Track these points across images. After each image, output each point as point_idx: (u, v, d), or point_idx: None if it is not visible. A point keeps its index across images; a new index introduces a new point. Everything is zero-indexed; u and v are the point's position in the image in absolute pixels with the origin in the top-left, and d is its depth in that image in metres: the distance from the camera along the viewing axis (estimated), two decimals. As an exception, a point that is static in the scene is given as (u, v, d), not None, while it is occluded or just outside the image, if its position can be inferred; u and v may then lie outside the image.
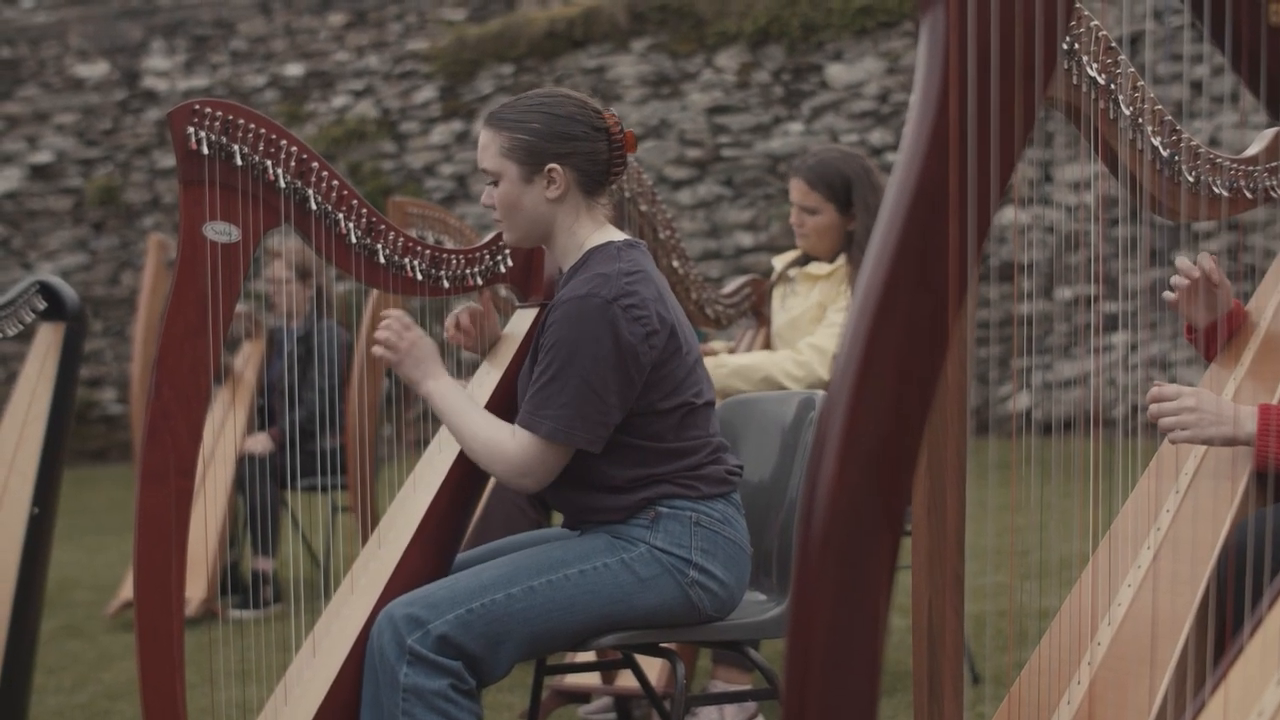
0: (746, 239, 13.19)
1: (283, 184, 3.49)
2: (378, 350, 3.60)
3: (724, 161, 13.36)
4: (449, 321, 3.75)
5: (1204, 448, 3.36)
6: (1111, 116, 3.21)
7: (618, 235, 3.53)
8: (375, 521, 4.23)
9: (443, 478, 3.57)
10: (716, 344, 5.43)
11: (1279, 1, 1.79)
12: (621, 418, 3.40)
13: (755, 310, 5.40)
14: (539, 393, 3.39)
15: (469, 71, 14.19)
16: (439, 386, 3.56)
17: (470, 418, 3.50)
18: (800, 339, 5.13)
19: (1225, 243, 10.25)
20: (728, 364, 4.98)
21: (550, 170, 3.46)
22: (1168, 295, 3.48)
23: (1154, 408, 3.19)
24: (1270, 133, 3.48)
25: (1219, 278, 3.45)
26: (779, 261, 5.46)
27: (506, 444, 3.44)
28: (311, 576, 7.73)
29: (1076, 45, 3.14)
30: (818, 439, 1.58)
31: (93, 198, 14.99)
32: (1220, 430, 3.11)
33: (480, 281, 3.76)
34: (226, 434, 7.50)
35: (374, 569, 3.57)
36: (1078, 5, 2.98)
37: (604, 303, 3.33)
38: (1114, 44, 3.20)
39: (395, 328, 3.58)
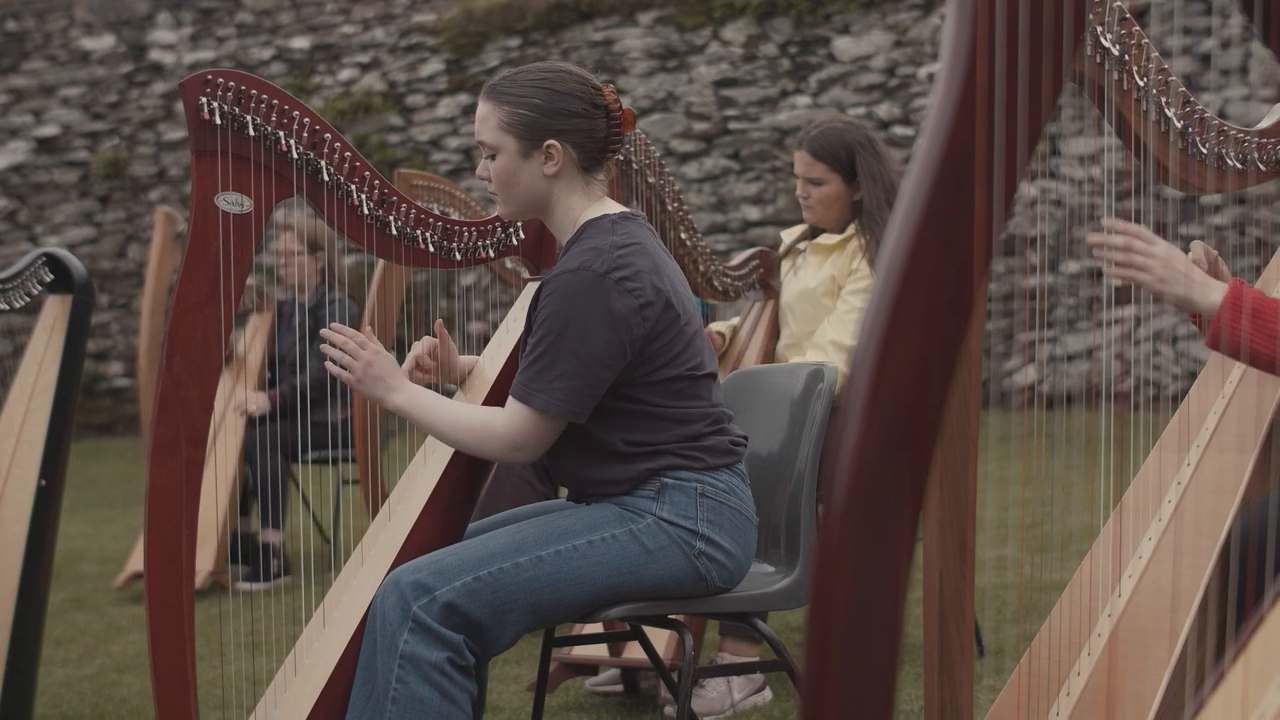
0: (753, 212, 13.18)
1: (295, 155, 3.49)
2: (334, 370, 3.55)
3: (731, 135, 13.34)
4: (408, 363, 3.70)
5: (1216, 417, 3.36)
6: (1125, 88, 3.20)
7: (614, 208, 3.53)
8: (383, 494, 4.22)
9: (453, 450, 3.57)
10: (717, 325, 5.43)
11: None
12: (605, 389, 3.40)
13: (763, 283, 5.39)
14: (532, 366, 3.39)
15: (475, 45, 14.17)
16: (406, 398, 3.52)
17: (448, 415, 3.49)
18: (812, 311, 5.12)
19: (1232, 216, 10.23)
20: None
21: (549, 146, 3.46)
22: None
23: (1112, 240, 3.17)
24: (1285, 104, 3.47)
25: (1216, 265, 3.44)
26: (787, 235, 5.45)
27: (494, 422, 3.43)
28: (320, 549, 7.74)
29: (1091, 16, 3.13)
30: (841, 406, 1.58)
31: (99, 171, 14.99)
32: (1176, 289, 3.11)
33: (492, 254, 3.76)
34: (235, 404, 7.50)
35: (384, 541, 3.57)
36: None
37: (596, 276, 3.33)
38: (1127, 15, 3.19)
39: (350, 348, 3.52)
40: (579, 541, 3.36)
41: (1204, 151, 3.28)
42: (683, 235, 5.04)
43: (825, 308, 5.11)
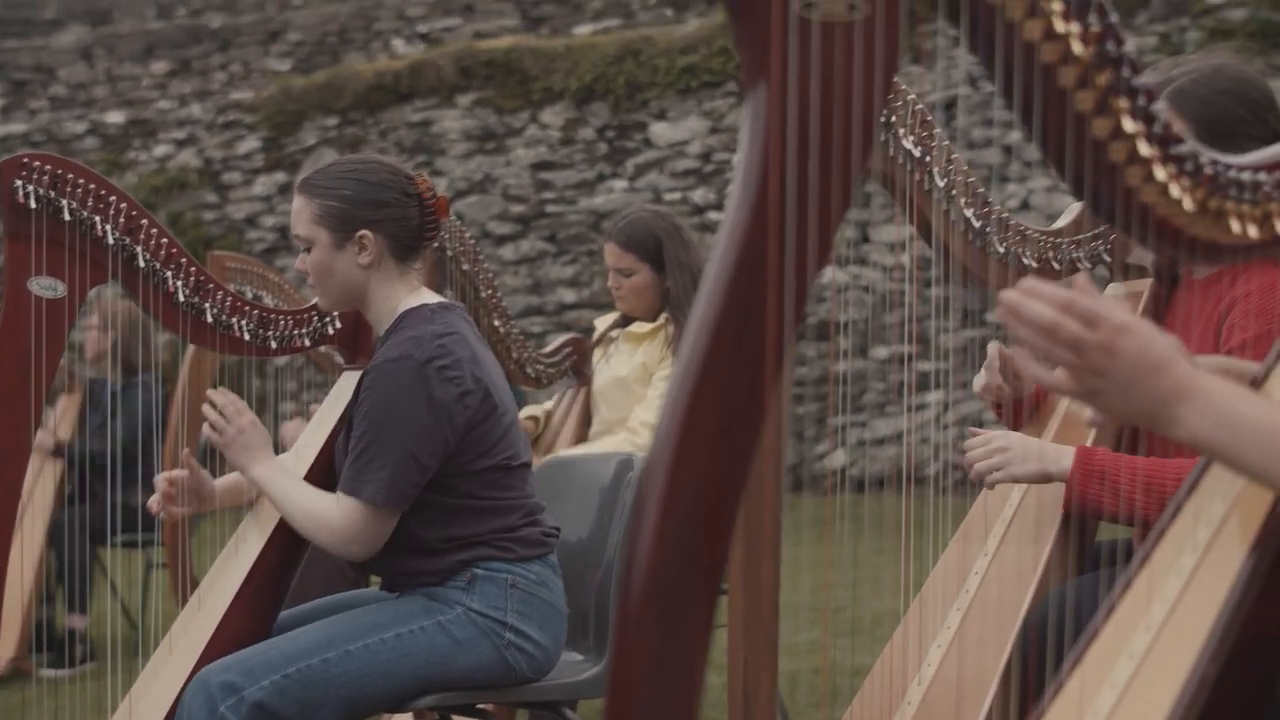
0: (569, 295, 13.24)
1: (111, 240, 3.49)
2: (207, 432, 3.57)
3: (547, 218, 13.40)
4: (154, 501, 3.69)
5: (1013, 509, 3.44)
6: (926, 188, 3.29)
7: (432, 298, 3.56)
8: (191, 577, 4.18)
9: (266, 539, 3.56)
10: (529, 409, 5.47)
11: (1085, 90, 1.87)
12: (429, 478, 3.42)
13: (576, 370, 5.44)
14: (358, 458, 3.39)
15: (293, 123, 14.12)
16: (264, 471, 3.54)
17: (295, 498, 3.50)
18: (624, 398, 5.17)
19: (1037, 306, 10.44)
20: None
21: (362, 237, 3.47)
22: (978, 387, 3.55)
23: (970, 455, 3.26)
24: (1078, 206, 3.58)
25: (1015, 367, 3.53)
26: (600, 322, 5.51)
27: (330, 514, 3.43)
28: (127, 635, 7.62)
29: (894, 118, 3.22)
30: (638, 502, 1.62)
31: (-96, 244, 14.70)
32: (1029, 467, 3.19)
33: (308, 343, 3.77)
34: (40, 488, 7.38)
35: (193, 631, 3.54)
36: (895, 79, 3.06)
37: (417, 364, 3.35)
38: (929, 117, 3.29)
39: (228, 413, 3.56)
40: (387, 634, 3.37)
41: (1001, 251, 3.37)
42: (496, 322, 5.07)
43: (637, 395, 5.16)
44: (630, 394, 5.17)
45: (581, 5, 14.36)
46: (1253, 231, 2.01)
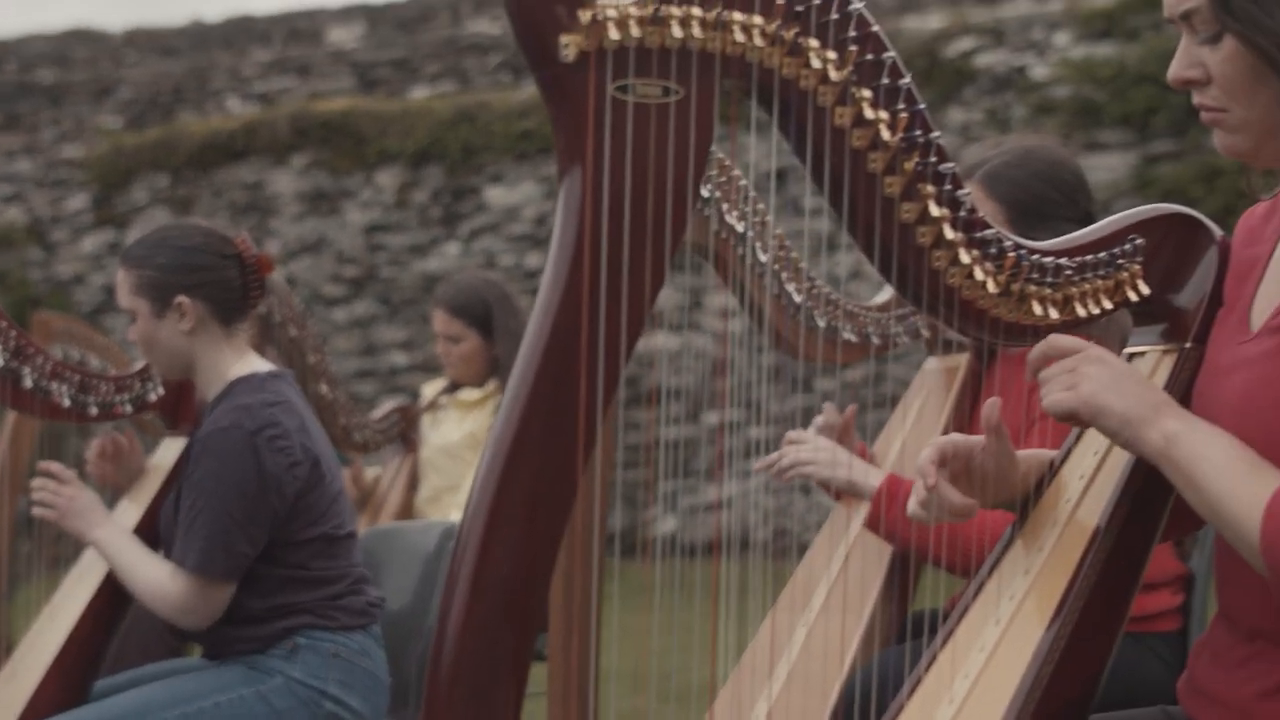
0: (401, 358, 13.19)
1: (-73, 304, 3.44)
2: (37, 511, 3.54)
3: (380, 281, 13.36)
4: (93, 450, 3.70)
5: (833, 578, 3.49)
6: (749, 263, 3.33)
7: (263, 366, 3.54)
8: (7, 643, 4.12)
9: (83, 607, 3.53)
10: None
11: (893, 174, 1.92)
12: (261, 547, 3.39)
13: (403, 436, 5.44)
14: (189, 528, 3.36)
15: (124, 180, 13.97)
16: (104, 534, 3.51)
17: (134, 562, 3.47)
18: (452, 465, 5.18)
19: (864, 373, 10.58)
20: None
21: (180, 304, 3.46)
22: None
23: (786, 450, 3.32)
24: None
25: (848, 429, 3.58)
26: (428, 389, 5.52)
27: (166, 584, 3.40)
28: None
29: (718, 193, 3.26)
30: (450, 576, 1.63)
31: None
32: (840, 474, 3.28)
33: (130, 409, 3.73)
34: None
35: (7, 699, 3.49)
36: (719, 155, 3.11)
37: (247, 434, 3.34)
38: (753, 193, 3.33)
39: (51, 486, 3.53)
40: (205, 703, 3.33)
41: (821, 325, 3.43)
42: (323, 389, 5.06)
43: (466, 462, 5.17)
44: (459, 461, 5.18)
45: (418, 69, 14.36)
46: (1054, 314, 2.08)
